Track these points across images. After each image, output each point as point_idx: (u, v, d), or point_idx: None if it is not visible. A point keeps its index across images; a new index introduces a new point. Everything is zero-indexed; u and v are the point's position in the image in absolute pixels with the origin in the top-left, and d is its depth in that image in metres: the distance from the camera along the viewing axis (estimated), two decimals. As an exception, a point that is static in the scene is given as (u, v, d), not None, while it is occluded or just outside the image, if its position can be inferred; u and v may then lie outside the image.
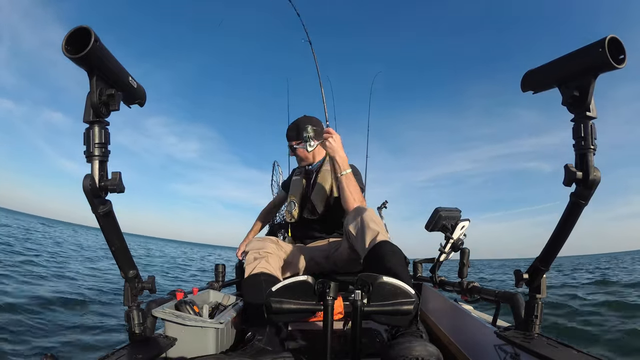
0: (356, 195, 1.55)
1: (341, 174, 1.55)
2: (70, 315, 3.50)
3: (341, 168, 1.54)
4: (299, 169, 2.03)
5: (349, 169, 1.56)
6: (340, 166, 1.54)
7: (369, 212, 1.41)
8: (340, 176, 1.55)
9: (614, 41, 0.57)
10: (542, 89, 0.71)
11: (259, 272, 1.33)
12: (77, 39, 0.57)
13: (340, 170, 1.55)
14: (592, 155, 0.64)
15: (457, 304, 1.29)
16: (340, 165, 1.54)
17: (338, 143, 1.55)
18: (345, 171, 1.54)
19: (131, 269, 0.81)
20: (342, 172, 1.54)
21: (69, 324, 3.22)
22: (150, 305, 1.01)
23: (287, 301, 0.82)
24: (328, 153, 1.61)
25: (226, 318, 1.08)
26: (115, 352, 0.77)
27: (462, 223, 1.37)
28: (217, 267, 1.69)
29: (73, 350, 2.65)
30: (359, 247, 1.38)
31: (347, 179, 1.55)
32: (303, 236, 1.90)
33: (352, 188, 1.55)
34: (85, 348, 2.72)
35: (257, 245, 1.46)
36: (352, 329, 0.79)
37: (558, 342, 0.76)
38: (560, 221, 0.73)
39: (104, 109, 0.65)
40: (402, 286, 0.81)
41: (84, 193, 0.65)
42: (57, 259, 7.68)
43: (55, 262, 7.14)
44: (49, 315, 3.34)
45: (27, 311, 3.28)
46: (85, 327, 3.23)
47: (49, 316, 3.33)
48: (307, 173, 1.95)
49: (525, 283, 0.84)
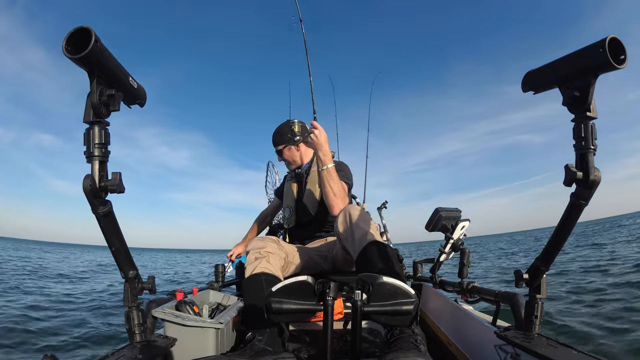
0: (336, 190, 1.53)
1: (322, 168, 1.53)
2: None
3: (323, 162, 1.52)
4: (289, 173, 2.03)
5: (331, 163, 1.54)
6: (322, 160, 1.52)
7: (357, 211, 1.40)
8: (321, 170, 1.54)
9: (615, 41, 0.57)
10: (542, 89, 0.71)
11: (260, 272, 1.33)
12: (77, 40, 0.57)
13: (321, 165, 1.53)
14: (593, 155, 0.64)
15: (457, 304, 1.29)
16: (322, 160, 1.52)
17: (323, 137, 1.52)
18: (326, 165, 1.52)
19: (131, 269, 0.81)
20: (323, 166, 1.53)
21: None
22: (150, 306, 1.01)
23: (287, 301, 0.82)
24: (312, 147, 1.58)
25: (226, 318, 1.08)
26: (115, 352, 0.77)
27: (462, 223, 1.37)
28: (217, 267, 1.69)
29: (73, 350, 2.65)
30: (350, 249, 1.38)
31: (328, 173, 1.53)
32: (301, 237, 1.90)
33: (332, 183, 1.53)
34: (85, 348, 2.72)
35: (258, 245, 1.46)
36: (352, 329, 0.79)
37: (558, 342, 0.76)
38: (560, 221, 0.73)
39: (104, 110, 0.65)
40: (402, 286, 0.81)
41: (84, 193, 0.64)
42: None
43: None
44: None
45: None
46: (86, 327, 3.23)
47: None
48: (298, 177, 1.95)
49: (525, 283, 0.84)
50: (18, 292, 5.34)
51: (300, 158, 1.91)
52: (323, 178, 1.54)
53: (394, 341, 0.96)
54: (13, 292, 5.33)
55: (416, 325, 1.01)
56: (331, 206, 1.55)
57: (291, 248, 1.64)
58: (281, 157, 1.94)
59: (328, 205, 1.57)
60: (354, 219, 1.36)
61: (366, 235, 1.29)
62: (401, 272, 1.27)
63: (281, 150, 1.91)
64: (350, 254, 1.39)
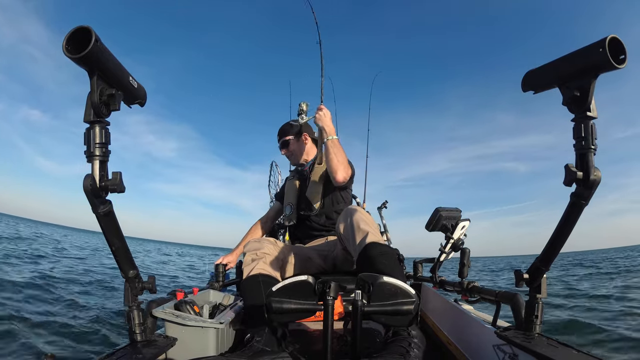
0: (340, 157, 1.58)
1: (327, 139, 1.59)
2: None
3: (328, 134, 1.59)
4: (291, 173, 2.04)
5: (335, 135, 1.60)
6: (327, 132, 1.59)
7: (358, 211, 1.40)
8: (326, 141, 1.59)
9: (615, 41, 0.57)
10: (542, 89, 0.71)
11: (257, 273, 1.33)
12: (78, 39, 0.57)
13: (326, 136, 1.59)
14: (593, 155, 0.64)
15: (457, 304, 1.29)
16: (327, 132, 1.59)
17: (328, 114, 1.61)
18: (331, 136, 1.58)
19: (131, 269, 0.81)
20: (329, 137, 1.58)
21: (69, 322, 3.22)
22: (150, 305, 1.00)
23: (287, 301, 0.82)
24: (317, 124, 1.65)
25: (226, 318, 1.08)
26: (116, 352, 0.77)
27: (463, 223, 1.37)
28: (217, 267, 1.69)
29: (73, 350, 2.65)
30: (351, 248, 1.38)
31: (333, 143, 1.58)
32: (302, 235, 1.90)
33: (336, 150, 1.58)
34: (85, 347, 2.72)
35: (255, 246, 1.46)
36: (352, 329, 0.79)
37: (558, 342, 0.76)
38: (560, 221, 0.73)
39: (104, 109, 0.65)
40: (402, 286, 0.81)
41: (84, 193, 0.64)
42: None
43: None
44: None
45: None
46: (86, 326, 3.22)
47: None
48: (301, 174, 1.96)
49: (526, 283, 0.84)
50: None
51: (305, 152, 1.93)
52: (327, 147, 1.58)
53: (386, 345, 0.95)
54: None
55: (416, 326, 1.01)
56: (334, 170, 1.57)
57: (289, 248, 1.63)
58: (286, 150, 1.95)
59: (331, 171, 1.60)
60: (355, 218, 1.36)
61: (367, 235, 1.29)
62: (401, 272, 1.27)
63: (287, 142, 1.92)
64: (351, 253, 1.39)
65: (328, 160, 1.59)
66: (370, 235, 1.29)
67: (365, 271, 1.10)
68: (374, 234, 1.31)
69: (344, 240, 1.44)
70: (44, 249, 9.61)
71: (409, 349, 0.91)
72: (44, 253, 8.57)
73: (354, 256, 1.35)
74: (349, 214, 1.40)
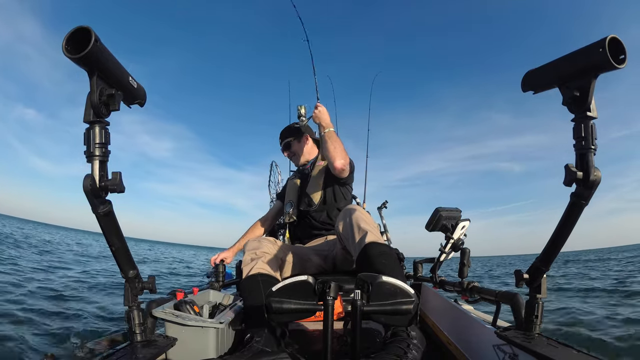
0: (338, 148, 1.61)
1: (324, 131, 1.63)
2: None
3: (325, 127, 1.64)
4: (293, 173, 2.06)
5: (332, 128, 1.65)
6: (325, 126, 1.64)
7: (358, 211, 1.40)
8: (323, 133, 1.63)
9: (615, 41, 0.57)
10: (542, 89, 0.71)
11: (257, 272, 1.33)
12: (78, 39, 0.57)
13: (323, 129, 1.64)
14: (593, 155, 0.64)
15: (457, 304, 1.29)
16: (325, 126, 1.64)
17: (324, 111, 1.66)
18: (328, 129, 1.63)
19: (131, 269, 0.81)
20: (326, 129, 1.63)
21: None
22: (150, 305, 1.01)
23: (287, 301, 0.82)
24: (315, 122, 1.69)
25: (226, 318, 1.08)
26: (116, 352, 0.77)
27: (463, 223, 1.37)
28: (217, 267, 1.69)
29: (73, 350, 2.65)
30: (350, 248, 1.38)
31: (330, 134, 1.63)
32: (302, 234, 1.90)
33: (333, 140, 1.62)
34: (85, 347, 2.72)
35: (254, 246, 1.46)
36: (352, 329, 0.79)
37: (558, 342, 0.76)
38: (560, 221, 0.73)
39: (104, 109, 0.65)
40: (401, 286, 0.80)
41: (84, 193, 0.64)
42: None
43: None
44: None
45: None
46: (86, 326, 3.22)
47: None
48: (302, 173, 1.98)
49: (526, 283, 0.84)
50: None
51: (307, 153, 1.96)
52: (325, 138, 1.62)
53: (385, 346, 0.95)
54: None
55: (415, 326, 1.01)
56: (332, 158, 1.60)
57: (289, 248, 1.63)
58: (288, 151, 1.99)
59: (329, 160, 1.63)
60: (355, 218, 1.36)
61: (366, 235, 1.29)
62: (401, 271, 1.27)
63: (290, 143, 1.96)
64: (351, 253, 1.39)
65: (326, 150, 1.62)
66: (369, 234, 1.29)
67: (365, 271, 1.10)
68: (373, 233, 1.31)
69: (343, 239, 1.44)
70: (44, 249, 9.66)
71: (407, 350, 0.91)
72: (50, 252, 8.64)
73: (353, 256, 1.35)
74: (348, 214, 1.40)
